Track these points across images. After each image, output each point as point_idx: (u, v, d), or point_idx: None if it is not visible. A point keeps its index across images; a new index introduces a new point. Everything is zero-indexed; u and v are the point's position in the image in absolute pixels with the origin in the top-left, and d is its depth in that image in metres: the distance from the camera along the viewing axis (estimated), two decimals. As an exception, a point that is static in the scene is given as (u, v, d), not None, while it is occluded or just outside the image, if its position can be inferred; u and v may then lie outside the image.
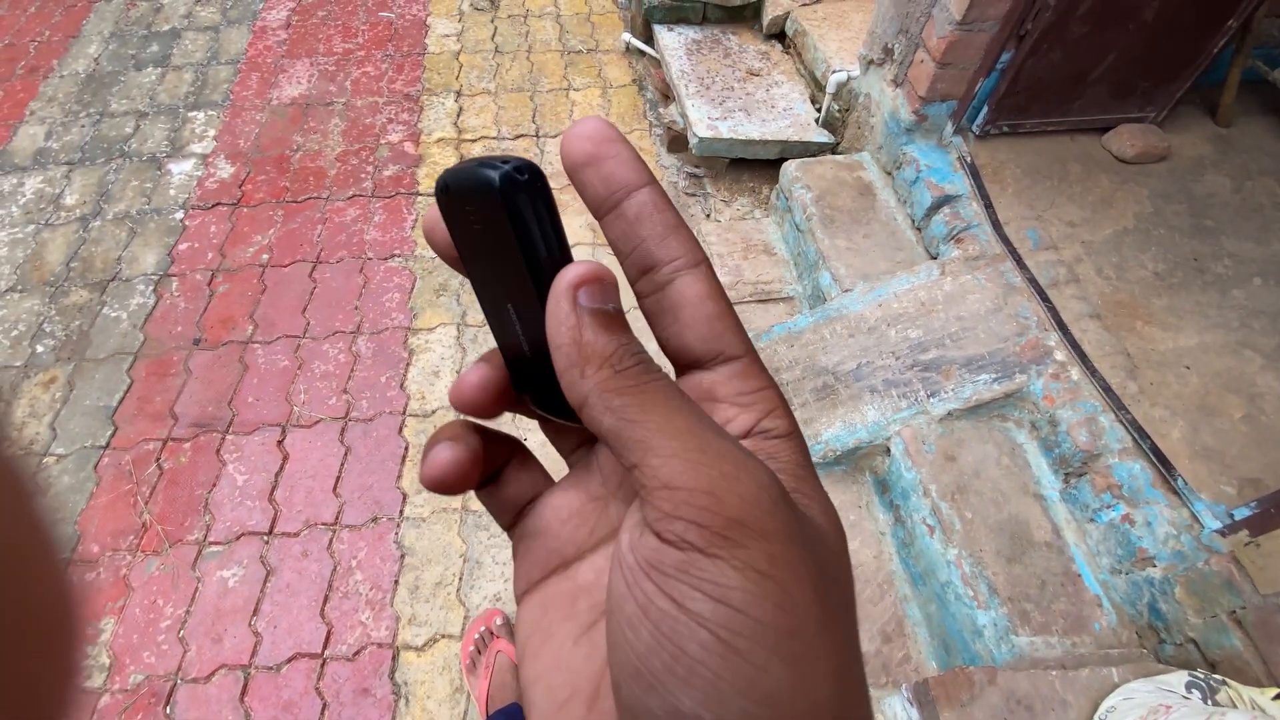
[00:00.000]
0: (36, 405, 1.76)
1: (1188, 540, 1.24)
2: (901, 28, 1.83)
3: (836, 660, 0.18)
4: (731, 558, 0.17)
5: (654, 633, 0.18)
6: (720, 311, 0.23)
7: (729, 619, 0.17)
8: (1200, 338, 1.56)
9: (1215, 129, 2.02)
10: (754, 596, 0.17)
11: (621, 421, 0.19)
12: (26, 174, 2.28)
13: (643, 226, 0.23)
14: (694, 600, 0.17)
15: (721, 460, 0.18)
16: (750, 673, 0.17)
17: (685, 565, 0.18)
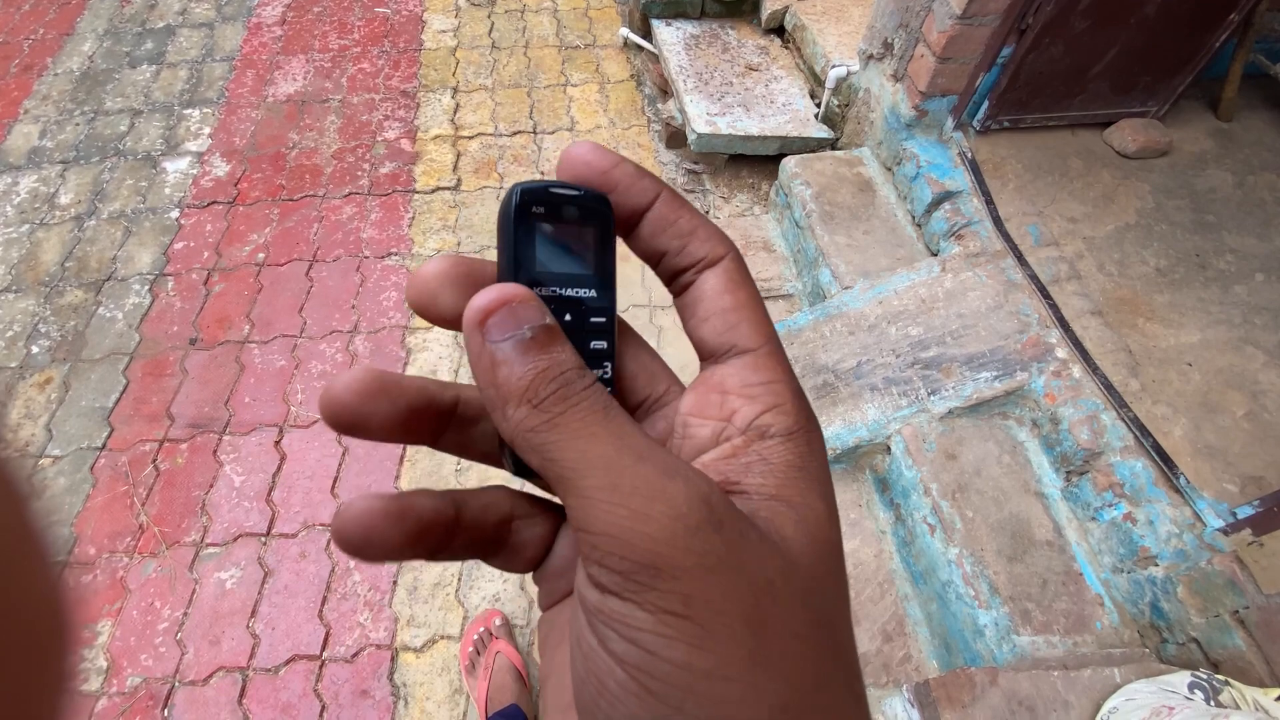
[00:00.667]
0: (32, 406, 1.75)
1: (1190, 539, 1.24)
2: (901, 22, 1.81)
3: (779, 694, 0.17)
4: (643, 601, 0.17)
5: (584, 665, 0.19)
6: (737, 304, 0.23)
7: (641, 660, 0.17)
8: (1202, 334, 1.56)
9: (1217, 123, 2.01)
10: (665, 639, 0.17)
11: (545, 462, 0.19)
12: (21, 173, 2.27)
13: (660, 241, 0.24)
14: (611, 640, 0.18)
15: (633, 495, 0.18)
16: (664, 713, 0.17)
17: (602, 606, 0.18)
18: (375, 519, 0.21)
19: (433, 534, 0.23)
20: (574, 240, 0.23)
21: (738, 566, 0.18)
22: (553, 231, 0.23)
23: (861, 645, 1.38)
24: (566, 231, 0.23)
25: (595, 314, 0.24)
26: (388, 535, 0.21)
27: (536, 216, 0.23)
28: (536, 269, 0.23)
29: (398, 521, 0.22)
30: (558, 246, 0.23)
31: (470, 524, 0.24)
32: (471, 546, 0.24)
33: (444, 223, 2.18)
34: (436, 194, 2.26)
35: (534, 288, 0.23)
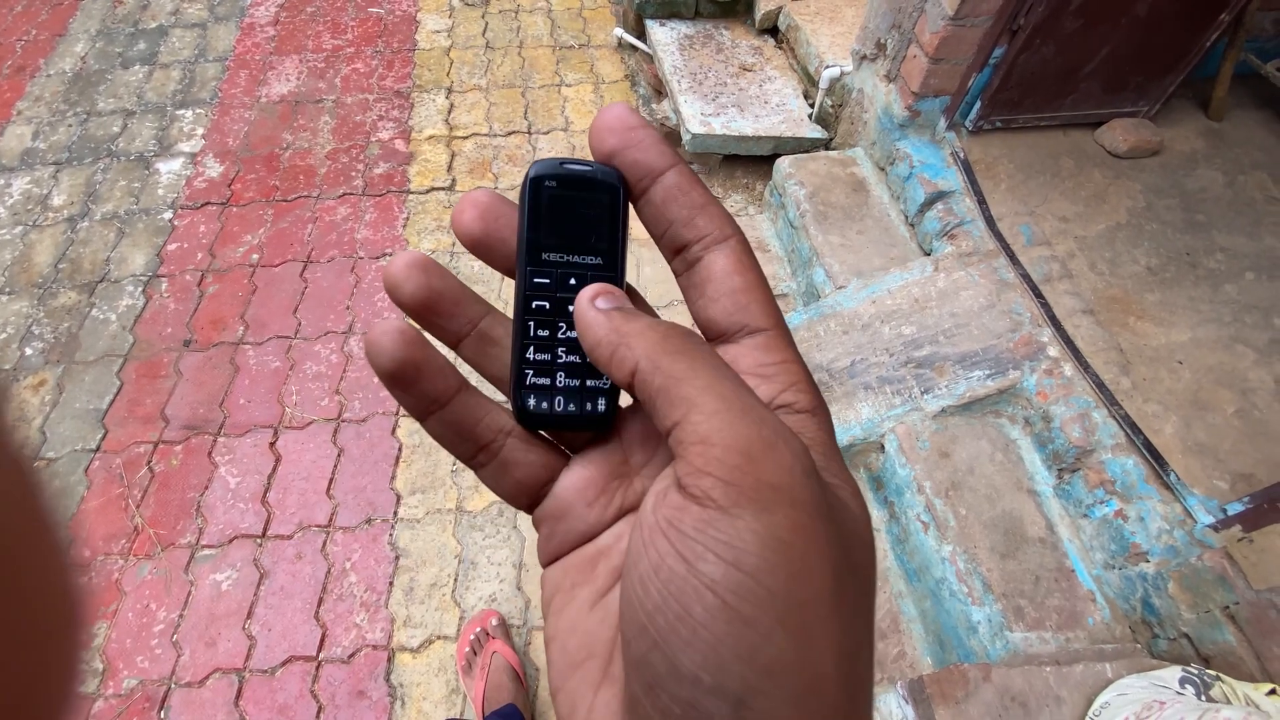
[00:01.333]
0: (26, 409, 1.74)
1: (1180, 535, 1.25)
2: (894, 23, 1.82)
3: (846, 641, 0.18)
4: (754, 520, 0.17)
5: (662, 591, 0.18)
6: (746, 285, 0.24)
7: (738, 584, 0.17)
8: (1193, 333, 1.57)
9: (1207, 123, 2.03)
10: (768, 564, 0.17)
11: (669, 380, 0.20)
12: (14, 175, 2.26)
13: (670, 209, 0.24)
14: (706, 561, 0.17)
15: (761, 425, 0.18)
16: (753, 640, 0.17)
17: (704, 524, 0.18)
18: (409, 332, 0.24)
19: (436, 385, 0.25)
20: (584, 213, 0.25)
21: (832, 518, 0.19)
22: (564, 205, 0.25)
23: (856, 643, 1.39)
24: (577, 204, 0.25)
25: (601, 279, 0.25)
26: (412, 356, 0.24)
27: (549, 191, 0.25)
28: (546, 238, 0.25)
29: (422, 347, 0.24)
30: (568, 219, 0.25)
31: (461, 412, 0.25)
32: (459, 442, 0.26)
33: (439, 223, 2.18)
34: (431, 194, 2.26)
35: (543, 254, 0.25)
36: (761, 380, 0.23)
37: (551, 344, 0.26)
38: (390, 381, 0.24)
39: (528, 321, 0.25)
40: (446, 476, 1.67)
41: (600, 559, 0.25)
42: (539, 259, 0.25)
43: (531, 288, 0.25)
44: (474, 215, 0.25)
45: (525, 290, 0.25)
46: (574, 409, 0.26)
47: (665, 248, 0.25)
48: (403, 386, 0.24)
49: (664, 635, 0.18)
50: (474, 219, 0.25)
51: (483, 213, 0.25)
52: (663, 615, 0.18)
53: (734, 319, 0.24)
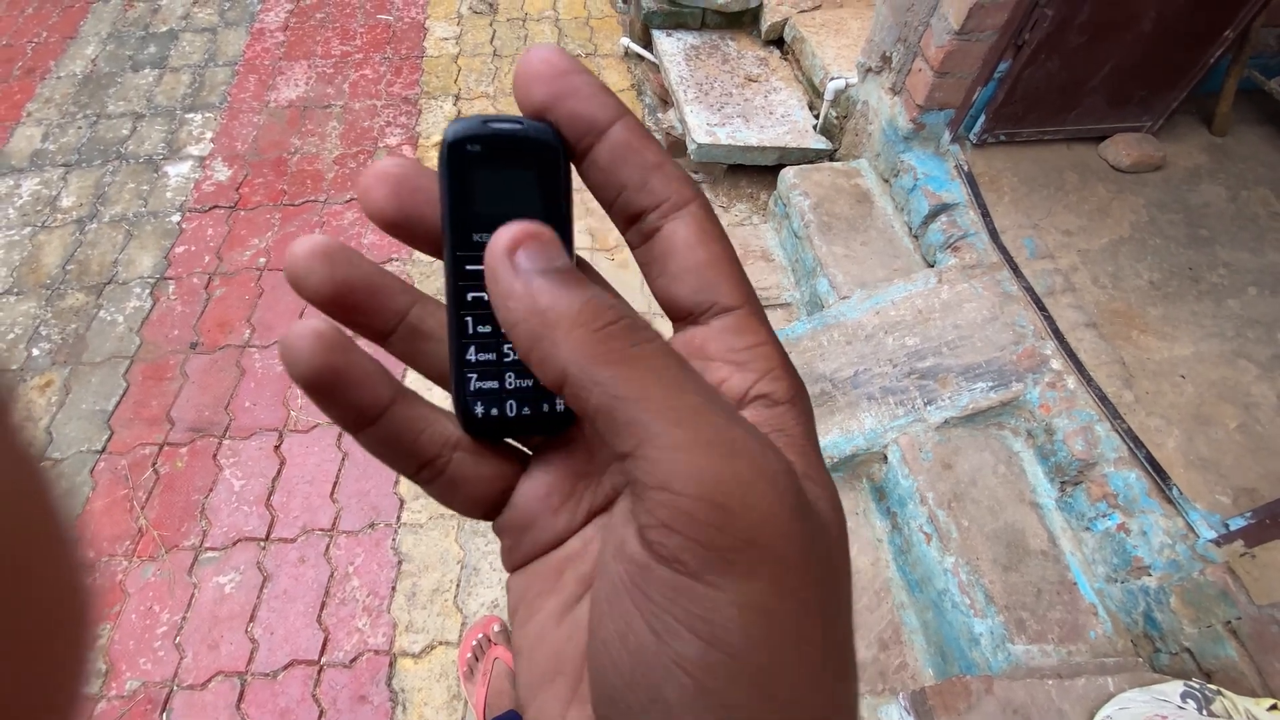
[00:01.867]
0: (33, 409, 1.75)
1: (1183, 550, 1.25)
2: (900, 36, 1.84)
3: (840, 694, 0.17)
4: (733, 591, 0.15)
5: (631, 665, 0.16)
6: (712, 258, 0.21)
7: (717, 665, 0.15)
8: (1195, 347, 1.57)
9: (1211, 138, 2.04)
10: (751, 640, 0.15)
11: (612, 399, 0.16)
12: (23, 176, 2.28)
13: (620, 171, 0.20)
14: (678, 639, 0.15)
15: (735, 458, 0.15)
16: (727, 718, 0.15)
17: (675, 593, 0.15)
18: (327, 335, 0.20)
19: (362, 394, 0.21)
20: (517, 178, 0.21)
21: (818, 556, 0.16)
22: (492, 170, 0.21)
23: (858, 653, 1.39)
24: (508, 169, 0.21)
25: None
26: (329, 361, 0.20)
27: (473, 157, 0.21)
28: (475, 212, 0.21)
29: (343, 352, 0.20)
30: (498, 186, 0.21)
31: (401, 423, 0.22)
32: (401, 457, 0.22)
33: (445, 229, 2.19)
34: (438, 200, 2.27)
35: (473, 235, 0.21)
36: (735, 368, 0.20)
37: (496, 340, 0.22)
38: (309, 391, 0.20)
39: (464, 317, 0.22)
40: (450, 482, 1.67)
41: (567, 566, 0.23)
42: (469, 241, 0.21)
43: (464, 276, 0.21)
44: (385, 192, 0.21)
45: (456, 280, 0.21)
46: (528, 412, 0.22)
47: (617, 216, 0.22)
48: (324, 397, 0.21)
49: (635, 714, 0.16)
50: (385, 196, 0.21)
51: (395, 187, 0.21)
52: (633, 693, 0.16)
53: (700, 297, 0.21)
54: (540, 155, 0.21)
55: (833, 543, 0.18)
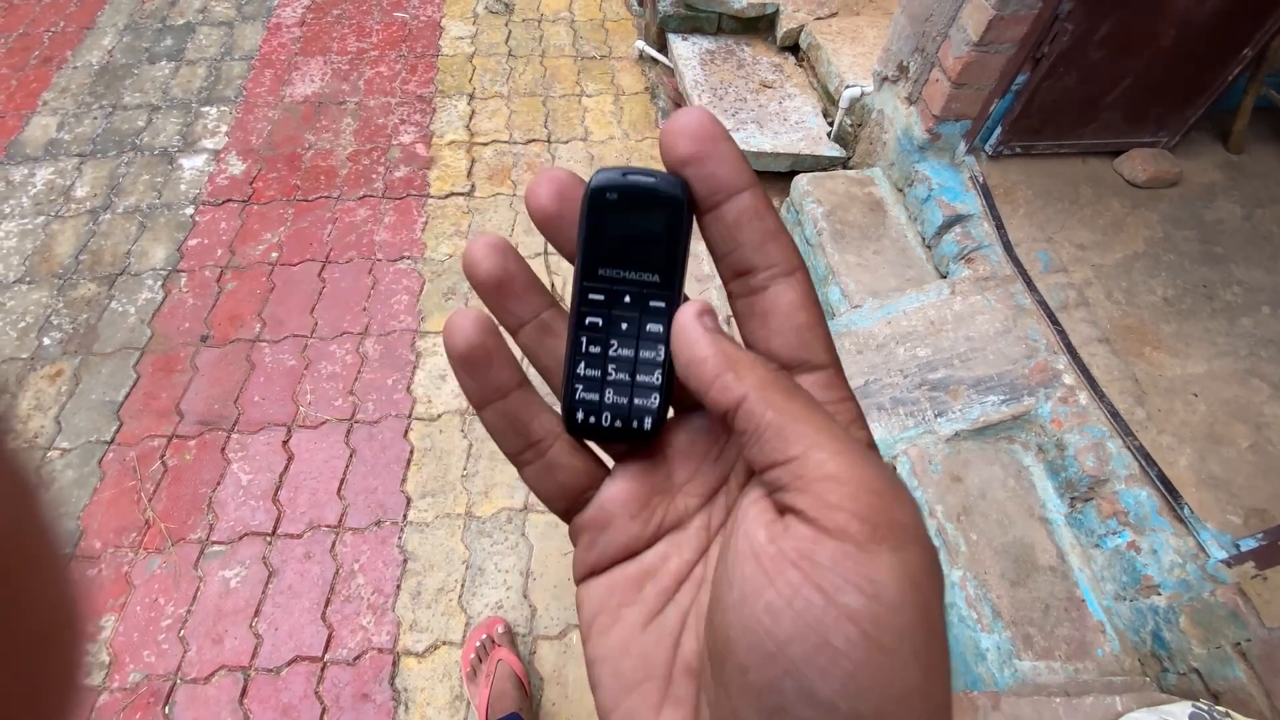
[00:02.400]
0: (42, 398, 1.76)
1: (1193, 570, 1.24)
2: (917, 46, 1.83)
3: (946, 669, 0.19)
4: (891, 557, 0.18)
5: (796, 621, 0.18)
6: (810, 321, 0.24)
7: (878, 617, 0.18)
8: (1208, 365, 1.57)
9: (1227, 155, 2.03)
10: (904, 599, 0.18)
11: (784, 416, 0.20)
12: (38, 165, 2.28)
13: (742, 231, 0.24)
14: (846, 594, 0.18)
15: (882, 468, 0.19)
16: (890, 670, 0.18)
17: (843, 557, 0.18)
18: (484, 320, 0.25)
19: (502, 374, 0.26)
20: (644, 228, 0.24)
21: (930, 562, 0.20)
22: (624, 218, 0.24)
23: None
24: (637, 218, 0.24)
25: (655, 298, 0.25)
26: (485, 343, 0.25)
27: (609, 204, 0.24)
28: (603, 253, 0.25)
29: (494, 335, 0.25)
30: (627, 233, 0.24)
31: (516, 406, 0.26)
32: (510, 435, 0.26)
33: (457, 228, 2.20)
34: (450, 199, 2.27)
35: (599, 270, 0.25)
36: None
37: (602, 360, 0.26)
38: (461, 363, 0.25)
39: (580, 337, 0.25)
40: (457, 481, 1.67)
41: (646, 579, 0.25)
42: (595, 274, 0.25)
43: (586, 303, 0.25)
44: (550, 192, 0.25)
45: (580, 305, 0.25)
46: (620, 425, 0.26)
47: (726, 268, 0.25)
48: (471, 371, 0.25)
49: (798, 664, 0.18)
50: (550, 196, 0.25)
51: (559, 190, 0.25)
52: (798, 645, 0.18)
53: (796, 354, 0.24)
54: (667, 207, 0.24)
55: None
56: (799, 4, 2.55)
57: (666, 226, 0.24)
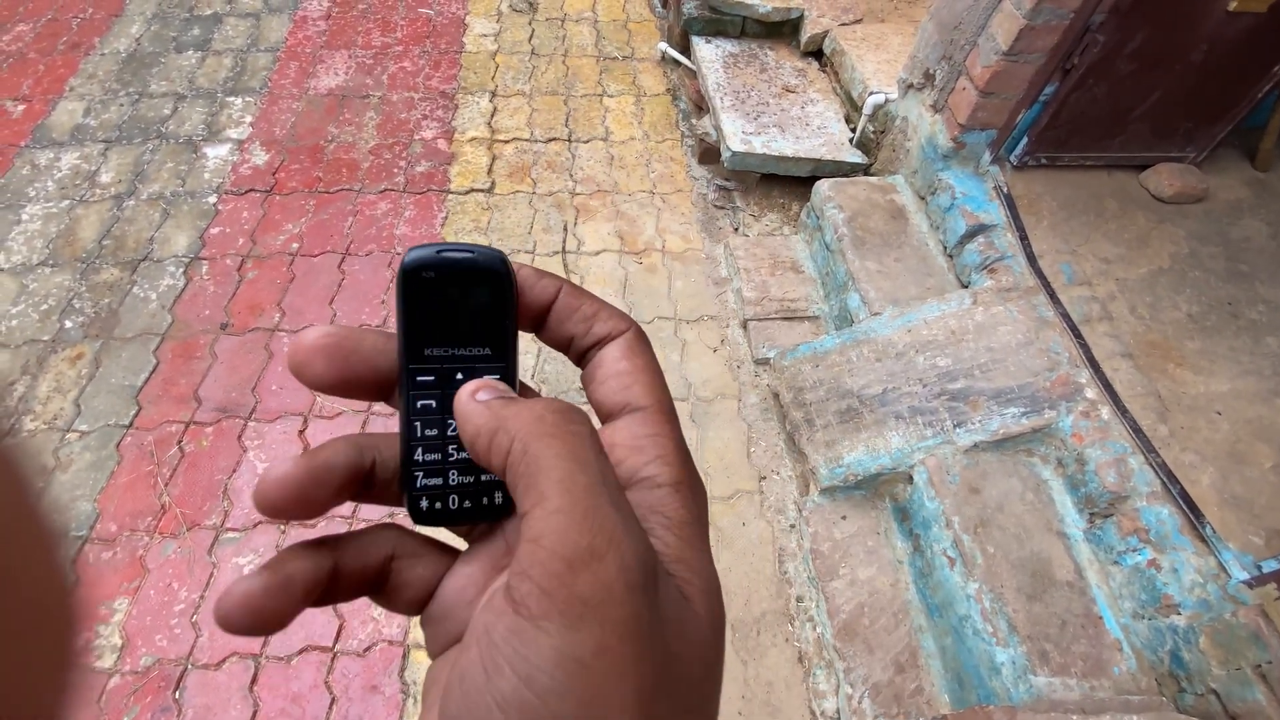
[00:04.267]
0: (62, 381, 1.77)
1: (1214, 590, 1.23)
2: (945, 54, 1.83)
3: None
4: (558, 636, 0.17)
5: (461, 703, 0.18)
6: (633, 369, 0.25)
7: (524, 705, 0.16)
8: (1232, 383, 1.55)
9: (1254, 173, 2.01)
10: (561, 686, 0.16)
11: (532, 466, 0.19)
12: (63, 149, 2.31)
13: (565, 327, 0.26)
14: (501, 676, 0.17)
15: (598, 531, 0.18)
16: None
17: (511, 634, 0.17)
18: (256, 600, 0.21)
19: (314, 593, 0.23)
20: (467, 301, 0.24)
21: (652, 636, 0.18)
22: (444, 294, 0.24)
23: (873, 674, 1.38)
24: (459, 293, 0.24)
25: (490, 371, 0.25)
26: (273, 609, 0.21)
27: (427, 282, 0.24)
28: (427, 333, 0.24)
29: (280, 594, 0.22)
30: (450, 309, 0.24)
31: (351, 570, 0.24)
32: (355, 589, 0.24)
33: (476, 224, 2.20)
34: (470, 195, 2.28)
35: (425, 350, 0.24)
36: (631, 452, 0.24)
37: (441, 442, 0.24)
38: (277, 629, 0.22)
39: (414, 422, 0.24)
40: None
41: None
42: (421, 355, 0.24)
43: (416, 386, 0.24)
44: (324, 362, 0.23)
45: (409, 389, 0.24)
46: (469, 505, 0.25)
47: (572, 356, 0.27)
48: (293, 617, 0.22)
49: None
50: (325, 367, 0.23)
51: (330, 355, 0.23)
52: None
53: (617, 398, 0.25)
54: (487, 279, 0.24)
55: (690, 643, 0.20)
56: (823, 9, 2.55)
57: (490, 298, 0.24)
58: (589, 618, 0.17)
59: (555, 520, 0.18)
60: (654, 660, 0.18)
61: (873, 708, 1.34)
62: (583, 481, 0.19)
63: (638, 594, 0.18)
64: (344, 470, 0.24)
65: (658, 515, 0.22)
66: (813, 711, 1.41)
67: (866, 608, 1.45)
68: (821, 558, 1.51)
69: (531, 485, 0.19)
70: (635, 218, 2.27)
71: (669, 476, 0.23)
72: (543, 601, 0.17)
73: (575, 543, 0.18)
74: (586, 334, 0.26)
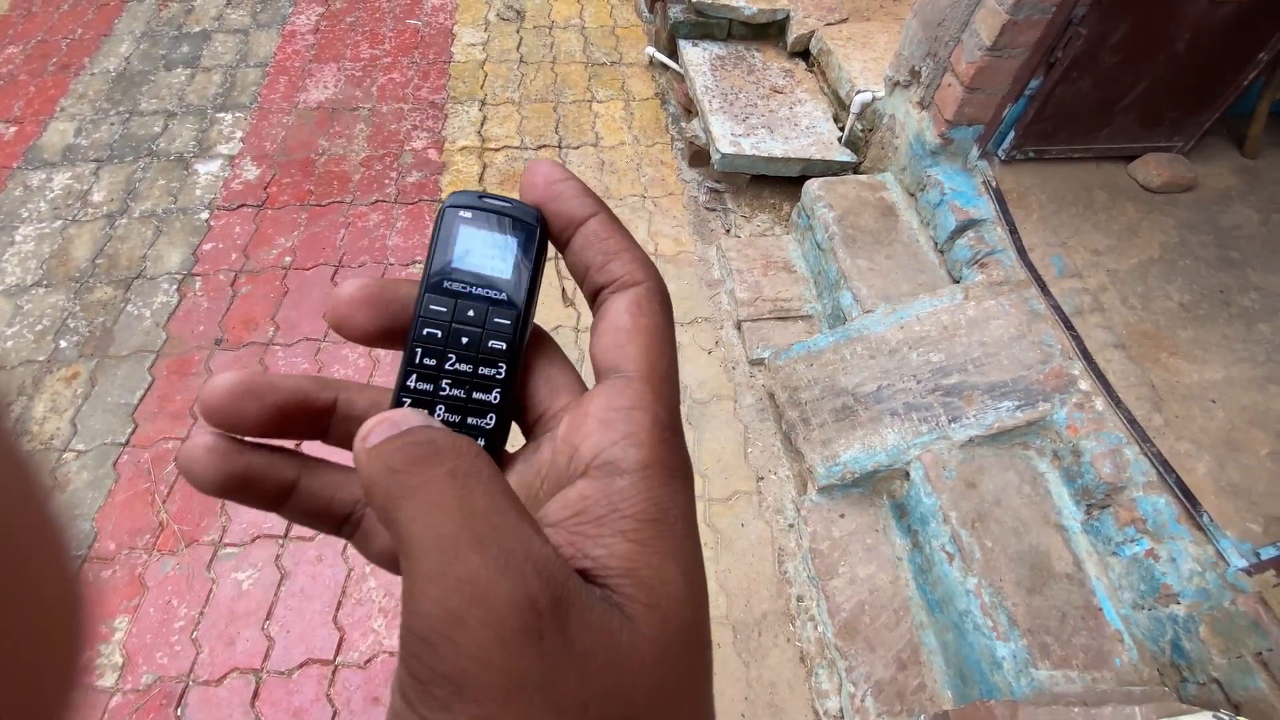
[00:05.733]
0: (58, 400, 1.77)
1: (1213, 578, 1.23)
2: (930, 51, 1.83)
3: None
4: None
5: None
6: (635, 328, 0.23)
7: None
8: (1226, 371, 1.55)
9: (1242, 160, 2.02)
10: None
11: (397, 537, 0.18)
12: (55, 170, 2.31)
13: (585, 254, 0.24)
14: None
15: (456, 591, 0.16)
16: None
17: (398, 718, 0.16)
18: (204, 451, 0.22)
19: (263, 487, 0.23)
20: (496, 246, 0.25)
21: (547, 688, 0.16)
22: (477, 235, 0.25)
23: (876, 672, 1.37)
24: (490, 237, 0.25)
25: (500, 315, 0.25)
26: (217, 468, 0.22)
27: (463, 220, 0.25)
28: (452, 263, 0.25)
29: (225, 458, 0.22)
30: (479, 249, 0.25)
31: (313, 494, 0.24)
32: (321, 519, 0.24)
33: (468, 233, 2.20)
34: (462, 204, 2.28)
35: (445, 283, 0.24)
36: (600, 427, 0.21)
37: (436, 374, 0.24)
38: (219, 495, 0.23)
39: (415, 348, 0.24)
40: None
41: None
42: (440, 286, 0.24)
43: (427, 313, 0.24)
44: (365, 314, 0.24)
45: (420, 314, 0.24)
46: None
47: (586, 293, 0.25)
48: (235, 497, 0.23)
49: None
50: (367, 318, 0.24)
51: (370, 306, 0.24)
52: None
53: (608, 357, 0.23)
54: (519, 228, 0.25)
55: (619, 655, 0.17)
56: (809, 10, 2.56)
57: (518, 247, 0.25)
58: (460, 695, 0.15)
59: (412, 598, 0.16)
60: (560, 711, 0.16)
61: (876, 706, 1.33)
62: (436, 533, 0.17)
63: (517, 646, 0.16)
64: (288, 393, 0.23)
65: (614, 514, 0.19)
66: (816, 711, 1.41)
67: (867, 605, 1.45)
68: (821, 556, 1.50)
69: (398, 537, 0.17)
70: (627, 222, 2.27)
71: (635, 460, 0.20)
72: (415, 689, 0.16)
73: (429, 614, 0.16)
74: (601, 268, 0.24)
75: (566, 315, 2.01)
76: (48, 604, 0.13)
